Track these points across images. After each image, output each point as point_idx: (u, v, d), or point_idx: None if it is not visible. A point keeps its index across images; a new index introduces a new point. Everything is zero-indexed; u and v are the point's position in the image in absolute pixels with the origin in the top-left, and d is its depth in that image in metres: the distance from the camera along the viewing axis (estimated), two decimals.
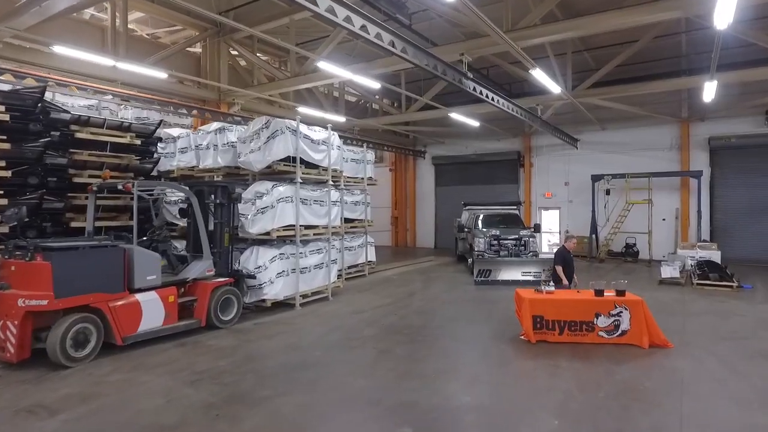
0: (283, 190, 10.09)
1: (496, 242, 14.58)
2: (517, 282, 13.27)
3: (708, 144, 18.37)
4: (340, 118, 17.73)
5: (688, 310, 10.23)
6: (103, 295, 7.02)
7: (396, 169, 26.06)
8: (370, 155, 15.44)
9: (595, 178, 19.41)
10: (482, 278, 13.45)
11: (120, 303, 7.20)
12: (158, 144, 11.88)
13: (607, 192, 18.95)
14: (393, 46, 7.98)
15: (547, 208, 22.33)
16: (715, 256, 14.94)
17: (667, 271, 13.25)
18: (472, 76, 10.49)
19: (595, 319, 7.71)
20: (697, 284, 12.68)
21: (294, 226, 10.28)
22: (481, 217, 16.56)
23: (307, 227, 10.75)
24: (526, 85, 18.08)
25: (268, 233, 9.80)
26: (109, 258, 7.19)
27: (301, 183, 10.48)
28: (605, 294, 8.02)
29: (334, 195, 11.74)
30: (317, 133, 11.12)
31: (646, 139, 19.45)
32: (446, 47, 11.09)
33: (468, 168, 24.10)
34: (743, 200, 18.14)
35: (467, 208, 18.38)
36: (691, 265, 14.80)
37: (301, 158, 10.50)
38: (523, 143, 22.41)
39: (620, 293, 8.00)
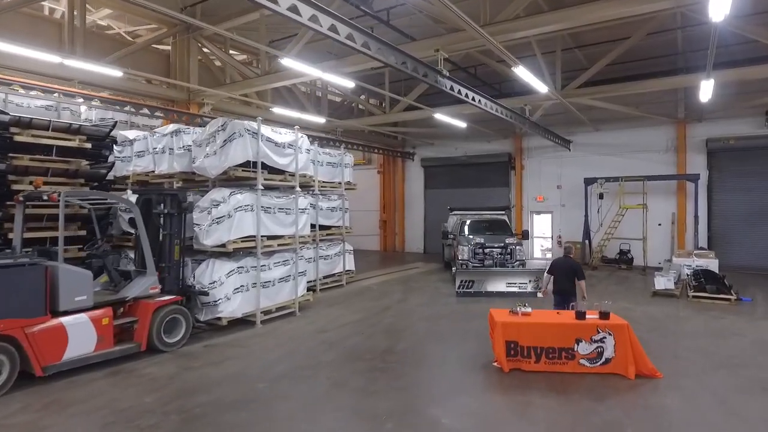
0: (242, 198, 9.28)
1: (480, 250, 13.77)
2: (501, 294, 12.52)
3: (706, 146, 17.57)
4: (320, 119, 16.94)
5: (682, 329, 9.42)
6: (18, 321, 6.21)
7: (384, 171, 25.26)
8: (349, 158, 14.63)
9: (588, 182, 18.62)
10: (464, 289, 12.65)
11: (39, 328, 6.39)
12: (114, 147, 11.11)
13: (601, 196, 18.15)
14: (352, 39, 7.18)
15: (538, 212, 21.52)
16: (713, 264, 14.13)
17: (661, 283, 12.45)
18: (447, 74, 9.68)
19: (576, 346, 6.91)
20: (693, 297, 11.87)
21: (255, 236, 9.48)
22: (467, 223, 15.76)
23: (271, 238, 9.95)
24: (517, 84, 17.20)
25: (223, 245, 8.99)
26: (26, 278, 6.37)
27: (263, 190, 9.69)
28: (587, 317, 7.20)
29: (303, 202, 10.93)
30: (282, 136, 10.31)
31: (641, 141, 18.65)
32: (420, 43, 10.30)
33: (458, 170, 23.29)
34: (743, 205, 17.33)
35: (453, 213, 17.56)
36: (687, 275, 13.99)
37: (263, 163, 9.72)
38: (514, 144, 21.60)
39: (604, 316, 7.19)
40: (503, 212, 17.29)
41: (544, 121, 18.43)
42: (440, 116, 15.89)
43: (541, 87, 12.14)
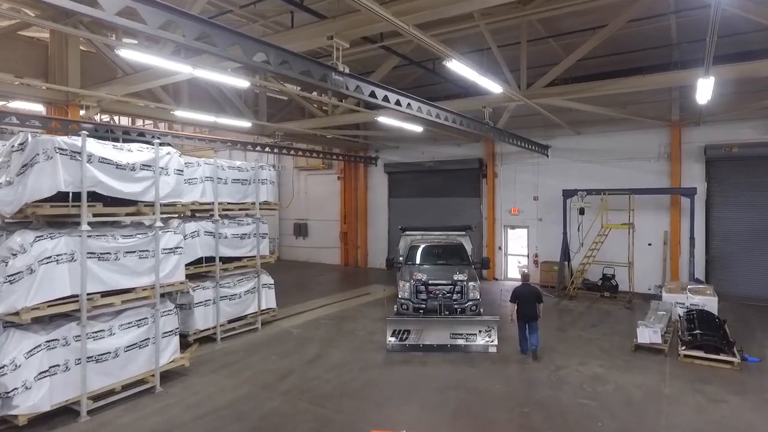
0: (54, 245, 6.65)
1: (423, 288, 11.15)
2: (444, 348, 9.94)
3: (704, 153, 14.91)
4: (243, 123, 14.26)
5: (661, 428, 6.81)
6: None
7: (345, 177, 22.61)
8: (267, 173, 11.96)
9: (567, 194, 15.97)
10: (398, 341, 10.06)
11: None
12: None
13: (581, 211, 15.49)
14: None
15: (513, 227, 18.89)
16: (711, 304, 11.50)
17: (646, 335, 9.83)
18: (347, 71, 7.01)
19: None
20: (685, 356, 9.27)
21: (78, 296, 6.86)
22: (417, 248, 13.11)
23: (110, 294, 7.33)
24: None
25: (16, 313, 6.36)
26: None
27: (94, 230, 7.07)
28: None
29: (171, 239, 8.31)
30: (132, 154, 7.66)
31: (629, 147, 15.99)
32: (308, 28, 7.60)
33: (424, 177, 20.64)
34: (746, 223, 14.71)
35: (405, 233, 14.91)
36: (680, 317, 11.40)
37: (96, 193, 7.10)
38: (486, 149, 18.92)
39: None
40: (464, 232, 14.64)
41: (517, 123, 15.80)
42: (385, 120, 13.19)
43: (492, 87, 9.49)
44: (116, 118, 20.11)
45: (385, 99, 8.07)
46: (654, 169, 15.69)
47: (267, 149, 18.91)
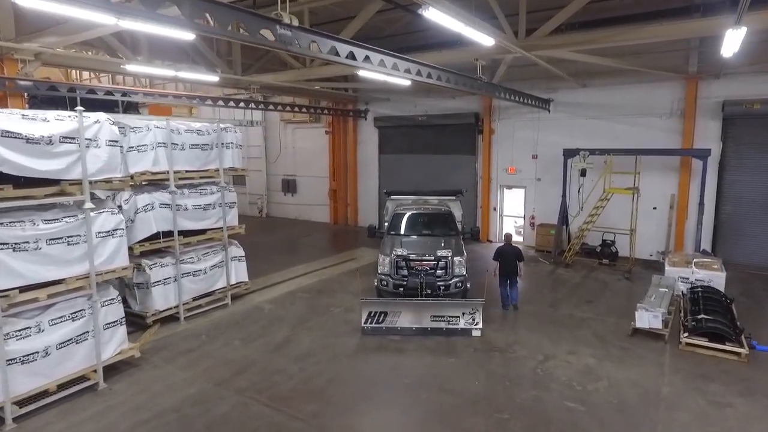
0: None
1: (404, 263, 10.21)
2: (424, 331, 9.14)
3: (722, 110, 13.46)
4: (209, 77, 12.82)
5: None
6: None
7: (334, 131, 21.20)
8: (233, 135, 10.70)
9: (568, 154, 14.71)
10: (374, 324, 9.24)
11: None
12: None
13: (583, 173, 14.22)
14: None
15: (509, 187, 17.73)
16: (718, 280, 10.59)
17: (645, 319, 8.95)
18: (296, 23, 5.68)
19: None
20: (687, 344, 8.43)
21: None
22: (401, 217, 12.04)
23: (30, 288, 6.39)
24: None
25: None
26: None
27: (2, 218, 6.04)
28: None
29: (108, 221, 7.28)
30: (47, 125, 6.47)
31: (639, 102, 14.54)
32: None
33: (416, 133, 19.26)
34: (762, 188, 13.51)
35: (391, 198, 13.79)
36: (683, 294, 10.52)
37: (3, 173, 6.01)
38: (483, 103, 17.42)
39: None
40: (455, 197, 13.53)
41: (516, 75, 14.33)
42: (366, 74, 11.70)
43: (483, 39, 8.07)
44: (77, 73, 18.58)
45: (351, 56, 6.76)
46: (665, 127, 14.30)
47: (253, 105, 17.53)
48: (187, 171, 9.81)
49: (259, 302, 11.14)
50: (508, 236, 11.13)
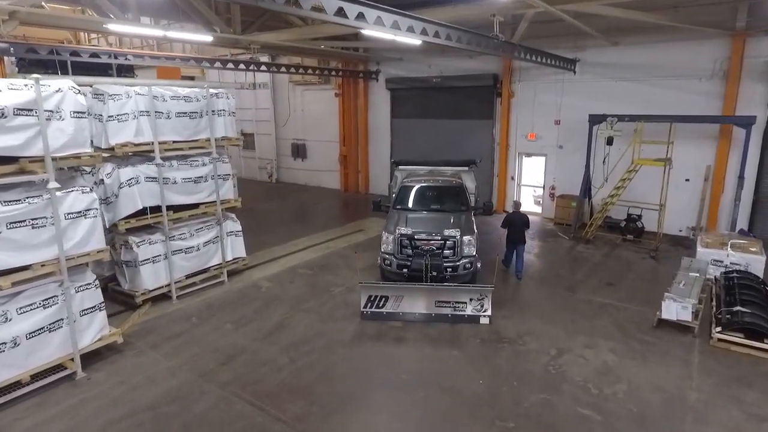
0: None
1: (408, 243, 9.45)
2: (428, 317, 8.49)
3: None
4: (203, 37, 11.85)
5: None
6: None
7: (344, 93, 20.11)
8: (225, 101, 9.85)
9: (594, 120, 13.50)
10: (374, 309, 8.61)
11: None
12: None
13: (609, 141, 13.03)
14: None
15: (529, 155, 16.60)
16: (757, 264, 9.60)
17: (672, 310, 8.09)
18: None
19: None
20: (720, 339, 7.59)
21: None
22: (408, 190, 11.19)
23: None
24: None
25: None
26: None
27: None
28: None
29: (79, 200, 6.65)
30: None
31: (677, 62, 13.09)
32: None
33: (430, 95, 18.06)
34: None
35: (399, 167, 12.89)
36: (716, 279, 9.58)
37: None
38: (502, 63, 16.08)
39: None
40: (468, 168, 12.55)
41: (539, 31, 12.88)
42: (370, 32, 10.61)
43: None
44: (85, 35, 17.72)
45: (341, 13, 5.77)
46: (704, 90, 12.90)
47: (264, 68, 16.62)
48: (174, 142, 9.08)
49: (257, 279, 10.60)
50: (518, 204, 11.25)
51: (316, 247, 13.00)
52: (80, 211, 6.68)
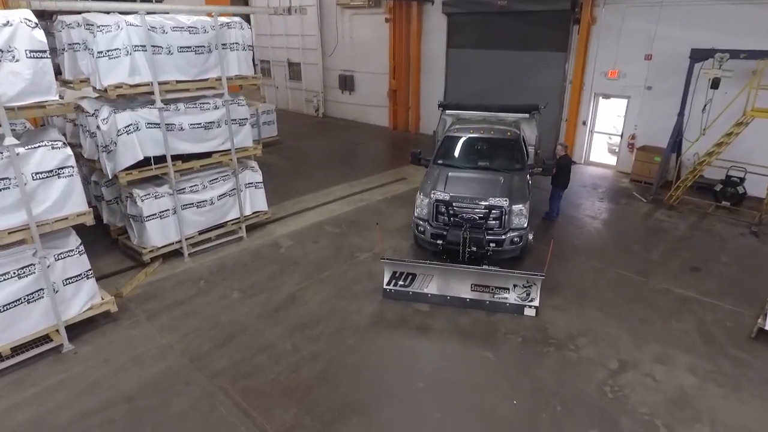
0: None
1: (445, 210, 7.95)
2: (462, 302, 7.18)
3: None
4: None
5: None
6: None
7: (395, 19, 17.83)
8: (238, 32, 8.36)
9: (697, 56, 10.77)
10: (398, 287, 7.39)
11: None
12: None
13: (715, 84, 10.39)
14: None
15: (608, 96, 14.01)
16: None
17: None
18: None
19: None
20: None
21: None
22: (455, 142, 9.47)
23: None
24: None
25: None
26: None
27: None
28: None
29: (49, 159, 5.67)
30: None
31: None
32: None
33: (494, 22, 15.51)
34: None
35: (447, 112, 11.03)
36: None
37: None
38: None
39: None
40: (529, 115, 10.48)
41: None
42: None
43: None
44: None
45: None
46: None
47: None
48: (178, 82, 7.85)
49: (278, 236, 9.63)
50: (566, 146, 10.62)
51: (350, 198, 11.77)
52: (51, 170, 5.72)
